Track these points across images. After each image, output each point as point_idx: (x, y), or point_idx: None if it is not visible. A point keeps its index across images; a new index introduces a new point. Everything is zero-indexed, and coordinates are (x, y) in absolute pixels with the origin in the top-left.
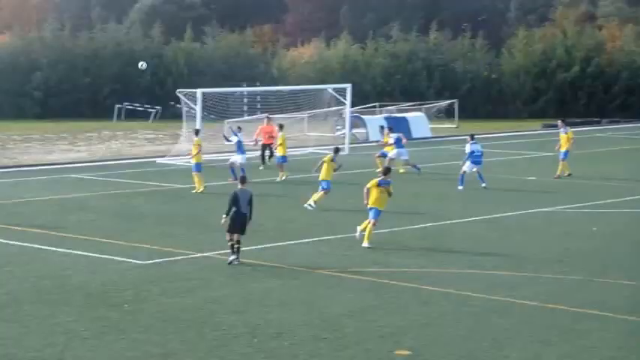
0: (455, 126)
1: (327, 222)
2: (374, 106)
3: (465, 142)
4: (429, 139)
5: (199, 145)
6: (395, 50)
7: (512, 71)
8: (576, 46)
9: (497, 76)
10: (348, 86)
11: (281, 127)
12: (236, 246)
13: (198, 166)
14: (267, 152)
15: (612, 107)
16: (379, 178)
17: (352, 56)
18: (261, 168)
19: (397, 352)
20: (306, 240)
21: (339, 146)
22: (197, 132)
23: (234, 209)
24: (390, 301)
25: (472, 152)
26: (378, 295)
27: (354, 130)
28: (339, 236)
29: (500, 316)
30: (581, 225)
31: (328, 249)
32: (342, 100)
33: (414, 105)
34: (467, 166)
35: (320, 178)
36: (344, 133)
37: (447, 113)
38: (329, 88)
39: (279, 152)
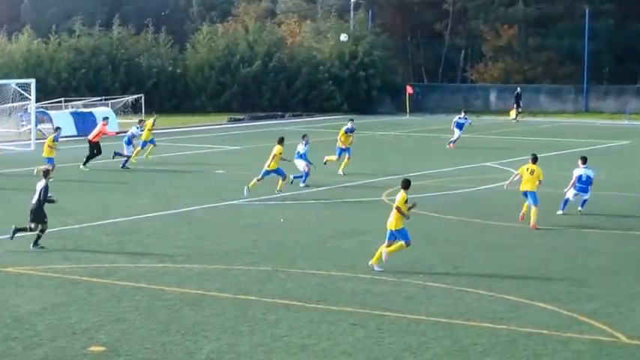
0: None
1: (16, 220)
2: (59, 101)
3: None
4: (117, 134)
5: None
6: (79, 45)
7: (197, 66)
8: (258, 42)
9: (183, 70)
10: (32, 81)
11: (57, 129)
12: (34, 231)
13: None
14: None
15: (295, 101)
16: (405, 192)
17: (35, 51)
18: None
19: (91, 348)
20: None
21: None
22: None
23: None
24: (83, 297)
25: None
26: (70, 291)
27: (40, 126)
28: (30, 233)
29: (193, 308)
30: (268, 217)
31: (17, 246)
32: (27, 95)
33: (100, 100)
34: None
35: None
36: (29, 129)
37: (134, 108)
38: (12, 82)
39: (46, 153)
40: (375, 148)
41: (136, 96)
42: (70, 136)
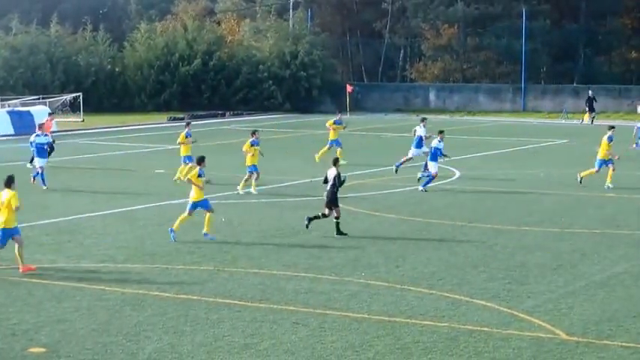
0: (80, 120)
1: None
2: None
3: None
4: (55, 133)
5: None
6: (15, 43)
7: (135, 64)
8: (197, 40)
9: (121, 69)
10: None
11: (187, 124)
12: (326, 217)
13: None
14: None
15: (235, 100)
16: None
17: None
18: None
19: (31, 349)
20: None
21: None
22: None
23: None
24: (22, 298)
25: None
26: (9, 292)
27: None
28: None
29: (134, 308)
30: None
31: None
32: None
33: (38, 98)
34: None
35: None
36: None
37: (73, 107)
38: None
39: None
40: (316, 147)
41: (74, 94)
42: (7, 135)
